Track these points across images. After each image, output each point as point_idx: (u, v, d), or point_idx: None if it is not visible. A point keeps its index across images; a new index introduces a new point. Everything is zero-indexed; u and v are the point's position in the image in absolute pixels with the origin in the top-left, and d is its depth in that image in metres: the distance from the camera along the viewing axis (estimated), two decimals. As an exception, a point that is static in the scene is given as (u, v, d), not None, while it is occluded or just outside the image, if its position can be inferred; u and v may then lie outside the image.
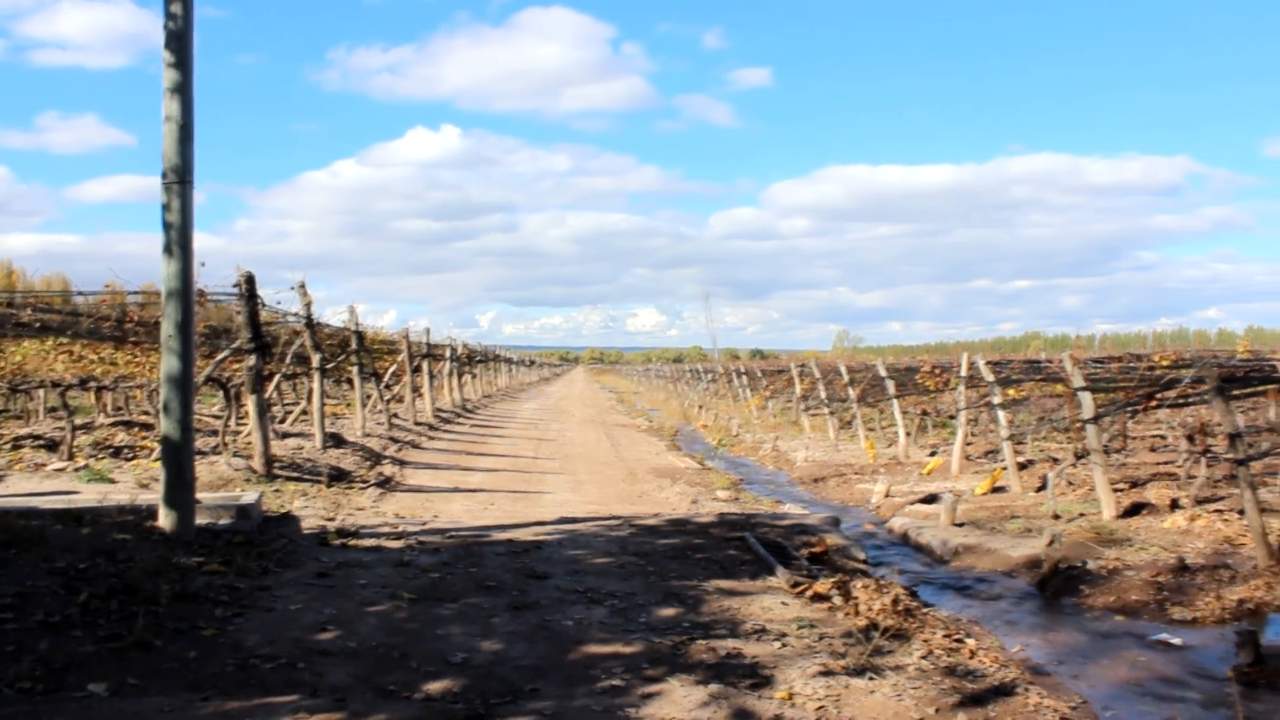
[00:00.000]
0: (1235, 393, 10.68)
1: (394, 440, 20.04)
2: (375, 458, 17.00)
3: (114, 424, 19.30)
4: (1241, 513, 10.19)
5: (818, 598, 7.68)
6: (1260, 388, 11.48)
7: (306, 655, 6.00)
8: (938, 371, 21.82)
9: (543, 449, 21.33)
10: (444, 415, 28.45)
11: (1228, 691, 6.67)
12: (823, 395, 27.97)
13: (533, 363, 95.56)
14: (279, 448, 15.09)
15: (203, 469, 12.20)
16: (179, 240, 8.73)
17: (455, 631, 6.67)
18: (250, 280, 13.03)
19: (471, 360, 42.65)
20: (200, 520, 9.07)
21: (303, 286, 16.90)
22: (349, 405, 25.93)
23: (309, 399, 19.59)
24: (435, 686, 5.58)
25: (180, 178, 8.69)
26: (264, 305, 14.02)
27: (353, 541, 9.62)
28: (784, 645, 6.54)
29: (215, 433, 15.29)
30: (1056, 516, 12.55)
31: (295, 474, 13.58)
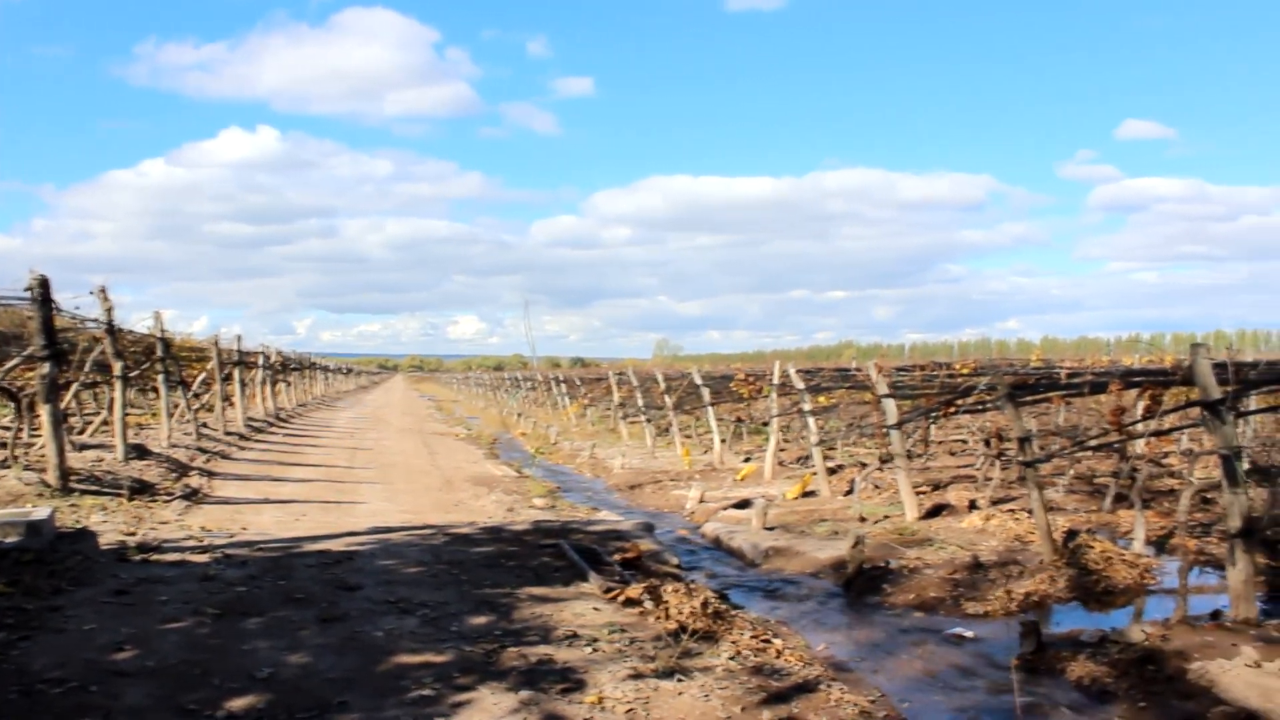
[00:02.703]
0: (1025, 399, 11.28)
1: (202, 451, 19.34)
2: (182, 469, 16.38)
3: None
4: (1031, 511, 10.77)
5: (629, 602, 7.79)
6: (1047, 394, 12.15)
7: (100, 677, 5.76)
8: (751, 379, 22.35)
9: (358, 458, 20.93)
10: (256, 425, 27.61)
11: (1012, 678, 7.06)
12: (640, 403, 28.27)
13: (350, 370, 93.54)
14: (77, 460, 14.39)
15: (-10, 483, 11.54)
16: (-38, 242, 8.23)
17: (261, 646, 6.51)
18: (44, 283, 12.39)
19: (286, 368, 41.50)
20: (-15, 538, 8.57)
21: (103, 291, 16.17)
22: (155, 415, 24.87)
23: (110, 409, 18.73)
24: (238, 703, 5.44)
25: (-37, 176, 8.21)
26: (60, 310, 13.34)
27: (155, 556, 9.27)
28: (595, 650, 6.61)
29: (4, 445, 14.46)
30: (863, 519, 13.02)
31: (94, 487, 12.97)
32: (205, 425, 23.08)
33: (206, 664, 6.08)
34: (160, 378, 20.82)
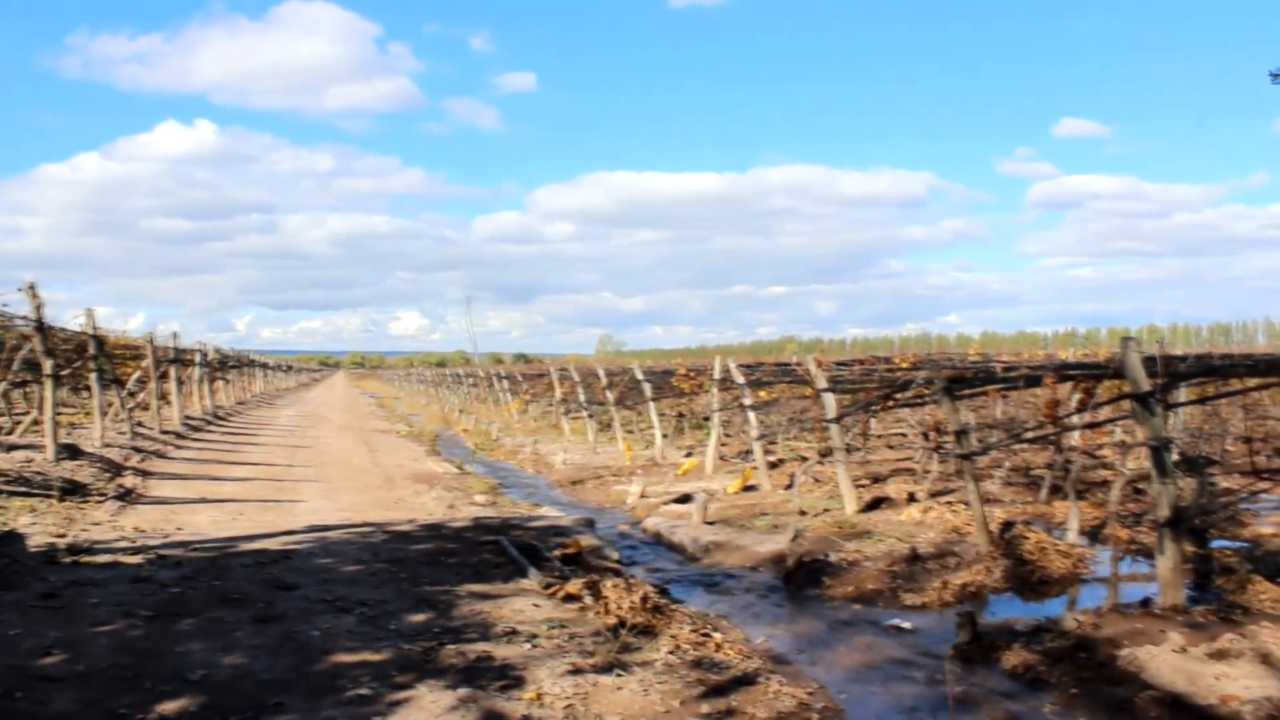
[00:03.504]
0: (961, 393, 11.40)
1: (137, 450, 19.01)
2: (116, 469, 16.10)
3: None
4: (968, 503, 10.90)
5: (569, 598, 7.79)
6: (982, 388, 12.30)
7: (26, 683, 5.64)
8: (693, 375, 22.40)
9: (298, 456, 20.70)
10: (193, 423, 27.20)
11: (948, 668, 7.15)
12: (582, 398, 28.25)
13: (290, 368, 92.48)
14: (5, 461, 14.11)
15: (-86, 485, 11.28)
16: (-118, 237, 8.04)
17: (195, 648, 6.42)
18: (-31, 281, 12.12)
19: (224, 365, 40.96)
20: (-91, 541, 8.38)
21: (32, 287, 15.85)
22: (88, 414, 24.44)
23: (41, 408, 18.38)
24: (170, 706, 5.36)
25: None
26: (-14, 308, 13.07)
27: (86, 559, 9.10)
28: (534, 646, 6.60)
29: (-70, 446, 14.14)
30: (803, 512, 13.10)
31: (23, 489, 12.71)
32: (140, 424, 22.72)
33: (138, 667, 5.98)
34: (93, 376, 20.46)
